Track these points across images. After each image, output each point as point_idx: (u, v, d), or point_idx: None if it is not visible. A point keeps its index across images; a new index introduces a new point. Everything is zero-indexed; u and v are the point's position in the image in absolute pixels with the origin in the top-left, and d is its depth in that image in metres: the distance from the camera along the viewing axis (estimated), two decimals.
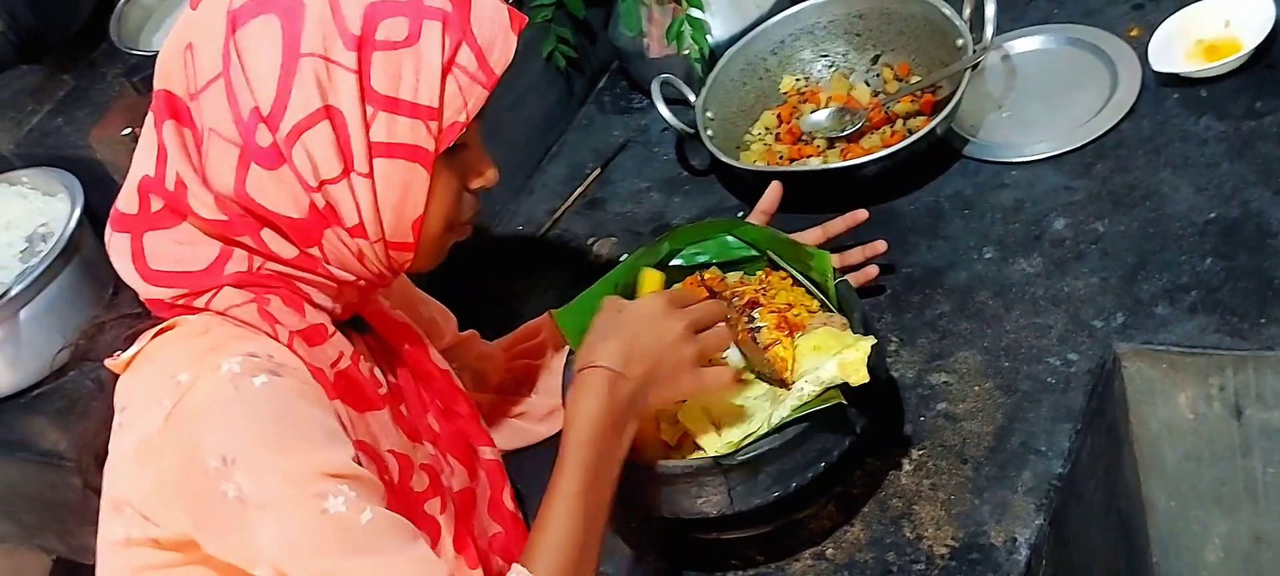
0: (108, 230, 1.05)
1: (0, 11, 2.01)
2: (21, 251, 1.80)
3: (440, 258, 1.09)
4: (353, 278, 1.04)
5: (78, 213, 1.79)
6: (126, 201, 1.04)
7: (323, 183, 0.98)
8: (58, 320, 1.75)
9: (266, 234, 1.00)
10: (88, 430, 1.07)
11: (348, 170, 0.98)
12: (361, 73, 0.96)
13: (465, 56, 0.99)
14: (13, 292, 1.72)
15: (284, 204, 0.98)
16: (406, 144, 0.98)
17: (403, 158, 0.98)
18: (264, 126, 0.96)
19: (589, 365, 1.07)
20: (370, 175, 0.98)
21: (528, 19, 1.07)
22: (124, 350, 1.02)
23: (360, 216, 1.00)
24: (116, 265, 1.04)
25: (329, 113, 0.96)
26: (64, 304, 1.76)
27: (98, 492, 1.03)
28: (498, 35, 1.01)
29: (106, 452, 1.01)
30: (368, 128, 0.97)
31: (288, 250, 1.01)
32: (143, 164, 1.03)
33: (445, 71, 0.98)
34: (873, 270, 1.39)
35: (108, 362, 1.03)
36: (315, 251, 1.01)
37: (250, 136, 0.96)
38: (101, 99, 1.94)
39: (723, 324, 1.14)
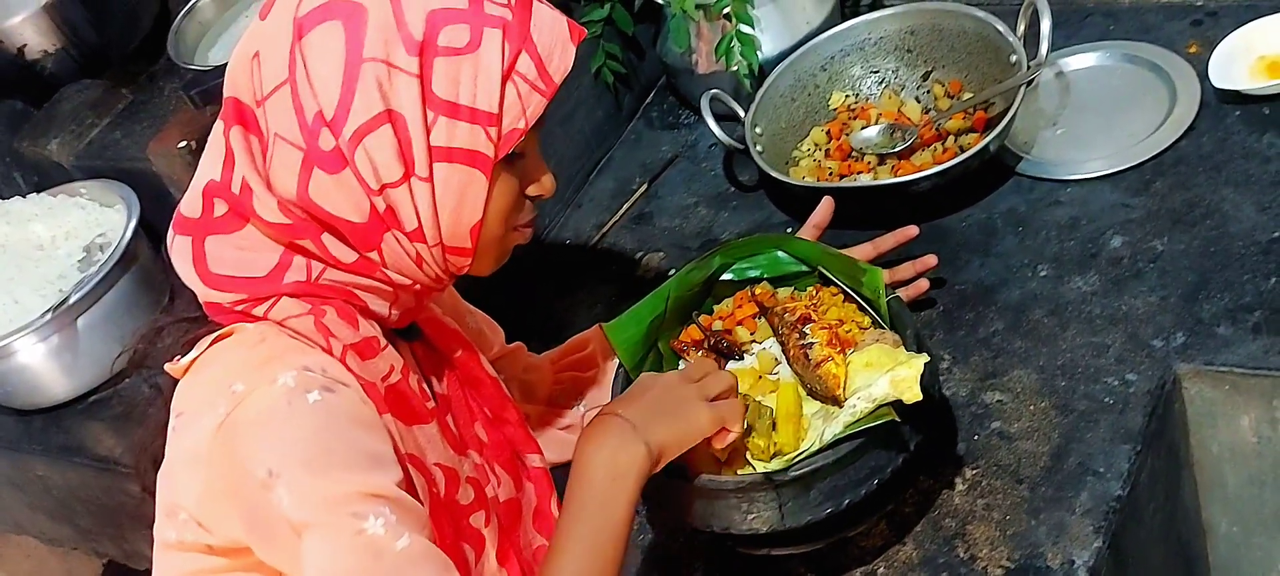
0: (170, 233, 1.06)
1: (62, 27, 2.04)
2: (80, 260, 1.83)
3: (499, 263, 1.10)
4: (410, 282, 1.05)
5: (134, 223, 1.82)
6: (190, 205, 1.05)
7: (384, 186, 0.98)
8: (114, 328, 1.78)
9: (327, 238, 1.01)
10: (145, 436, 1.09)
11: (408, 174, 0.98)
12: (423, 77, 0.97)
13: (525, 64, 1.00)
14: (71, 300, 1.74)
15: (345, 208, 0.99)
16: (466, 149, 0.99)
17: (462, 162, 0.99)
18: (327, 130, 0.97)
19: (601, 412, 1.10)
20: (430, 179, 0.99)
21: (586, 31, 1.07)
22: (182, 355, 1.03)
23: (419, 221, 1.00)
24: (177, 268, 1.05)
25: (390, 117, 0.97)
26: (120, 312, 1.79)
27: (155, 497, 1.04)
28: (557, 44, 1.02)
29: (164, 457, 1.02)
30: (428, 132, 0.98)
31: (347, 255, 1.02)
32: (208, 169, 1.05)
33: (505, 78, 0.99)
34: (923, 283, 1.37)
35: (167, 367, 1.04)
36: (374, 256, 1.02)
37: (314, 140, 0.97)
38: (159, 113, 1.96)
39: (723, 372, 1.15)
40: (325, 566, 0.92)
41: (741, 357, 1.28)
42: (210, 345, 1.02)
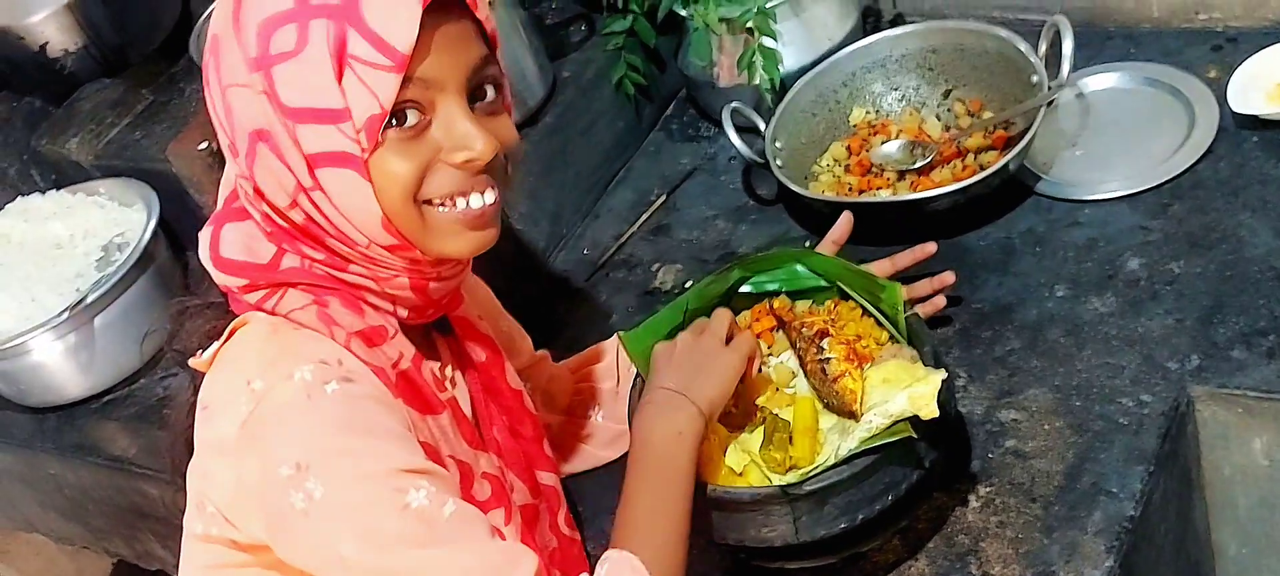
0: (202, 229, 1.09)
1: (83, 27, 2.05)
2: (98, 260, 1.84)
3: (461, 238, 1.03)
4: (389, 274, 1.04)
5: (153, 223, 1.83)
6: (219, 200, 1.09)
7: (292, 201, 0.99)
8: (131, 328, 1.78)
9: (299, 242, 1.03)
10: (171, 437, 1.10)
11: (300, 186, 0.98)
12: (269, 92, 0.95)
13: (358, 46, 0.94)
14: (88, 300, 1.75)
15: (285, 221, 1.02)
16: (334, 151, 0.96)
17: (336, 166, 0.97)
18: (238, 158, 1.00)
19: (654, 387, 1.17)
20: (319, 187, 0.98)
21: None
22: (203, 350, 1.04)
23: (335, 225, 1.00)
24: (201, 255, 1.07)
25: (261, 136, 0.97)
26: (137, 312, 1.79)
27: (185, 492, 1.05)
28: (394, 13, 0.94)
29: (189, 456, 1.03)
30: (297, 143, 0.96)
31: (317, 254, 1.03)
32: (229, 169, 1.08)
33: (340, 69, 0.94)
34: (940, 301, 1.38)
35: (191, 362, 1.05)
36: (337, 258, 1.03)
37: (239, 166, 1.01)
38: (179, 114, 1.97)
39: (723, 315, 1.25)
40: (376, 543, 0.93)
41: (758, 370, 1.28)
42: (227, 338, 1.03)
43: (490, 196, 1.03)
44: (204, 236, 1.07)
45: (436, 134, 0.99)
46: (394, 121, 0.97)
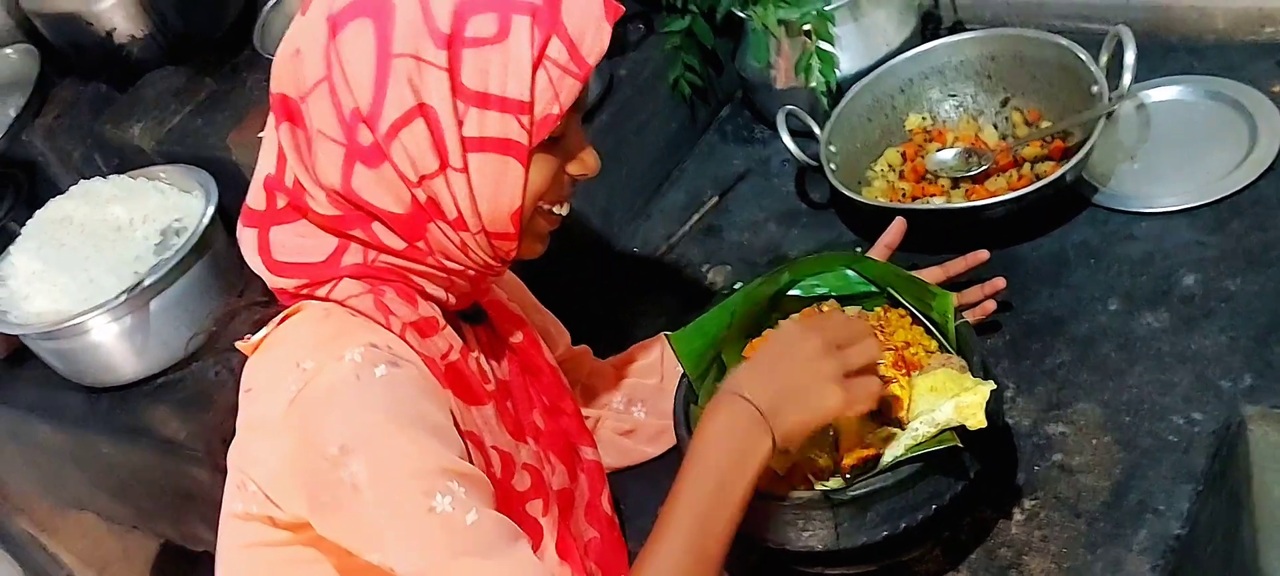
0: (239, 225, 1.10)
1: (150, 13, 2.08)
2: (156, 244, 1.86)
3: (542, 243, 1.11)
4: (461, 267, 1.07)
5: (211, 210, 1.85)
6: (254, 198, 1.09)
7: (422, 178, 1.00)
8: (186, 313, 1.81)
9: (377, 227, 1.04)
10: (215, 419, 1.11)
11: (444, 165, 1.00)
12: (452, 70, 0.98)
13: (556, 49, 1.00)
14: (145, 283, 1.77)
15: (387, 200, 1.02)
16: (499, 138, 1.00)
17: (495, 152, 1.00)
18: (365, 126, 0.99)
19: (728, 389, 1.07)
20: (465, 170, 1.00)
21: (624, 9, 1.06)
22: (252, 334, 1.06)
23: (459, 209, 1.02)
24: (246, 257, 1.09)
25: (423, 110, 0.98)
26: (193, 297, 1.82)
27: (225, 474, 1.06)
28: (589, 25, 1.01)
29: (225, 443, 1.05)
30: (460, 124, 0.99)
31: (397, 243, 1.05)
32: (266, 163, 1.08)
33: (535, 66, 0.99)
34: (990, 305, 1.37)
35: (237, 344, 1.07)
36: (422, 244, 1.05)
37: (352, 136, 1.00)
38: (241, 103, 2.00)
39: (871, 339, 1.09)
40: (402, 539, 0.95)
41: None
42: (278, 324, 1.05)
43: (568, 206, 1.10)
44: (248, 239, 1.08)
45: (565, 146, 1.06)
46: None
